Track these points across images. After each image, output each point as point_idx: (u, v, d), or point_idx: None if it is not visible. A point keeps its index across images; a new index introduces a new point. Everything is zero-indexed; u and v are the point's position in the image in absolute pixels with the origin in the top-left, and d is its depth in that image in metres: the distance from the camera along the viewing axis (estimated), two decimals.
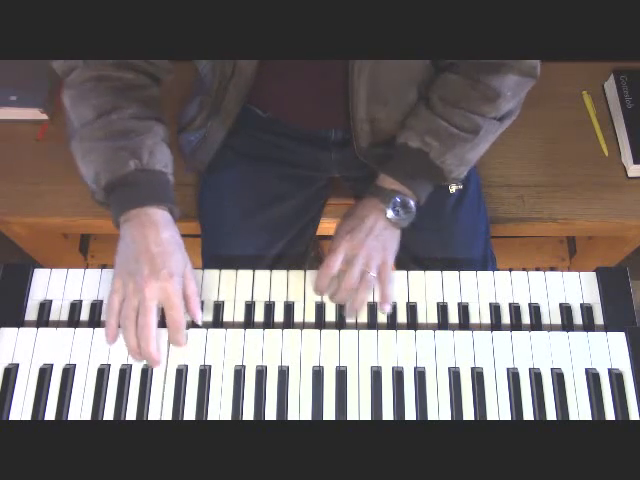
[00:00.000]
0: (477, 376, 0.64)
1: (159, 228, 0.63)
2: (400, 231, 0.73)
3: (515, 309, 0.70)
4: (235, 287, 0.71)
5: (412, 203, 0.72)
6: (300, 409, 0.63)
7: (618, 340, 0.66)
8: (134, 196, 0.64)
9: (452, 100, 0.73)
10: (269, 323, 0.70)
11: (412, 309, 0.70)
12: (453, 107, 0.73)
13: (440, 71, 0.77)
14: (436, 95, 0.75)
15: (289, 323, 0.70)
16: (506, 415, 0.63)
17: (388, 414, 0.63)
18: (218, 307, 0.70)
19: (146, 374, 0.64)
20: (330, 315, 0.70)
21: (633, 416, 0.62)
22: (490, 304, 0.70)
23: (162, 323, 0.63)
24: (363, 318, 0.70)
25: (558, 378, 0.64)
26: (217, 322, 0.69)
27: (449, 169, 0.73)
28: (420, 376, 0.64)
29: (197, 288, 0.65)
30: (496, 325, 0.69)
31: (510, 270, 0.73)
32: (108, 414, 0.63)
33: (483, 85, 0.72)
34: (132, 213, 0.64)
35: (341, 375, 0.64)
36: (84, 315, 0.69)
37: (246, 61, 0.72)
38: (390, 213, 0.71)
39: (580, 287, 0.71)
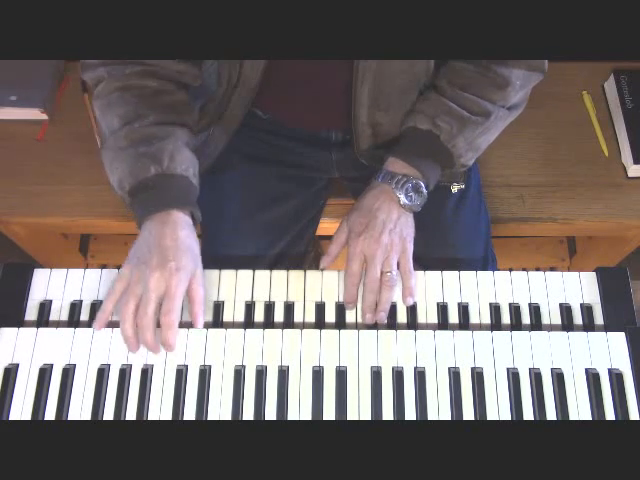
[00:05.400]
0: (477, 376, 0.64)
1: (177, 226, 0.64)
2: (413, 214, 0.72)
3: (515, 309, 0.70)
4: (235, 287, 0.71)
5: (424, 186, 0.71)
6: (300, 409, 0.63)
7: (618, 340, 0.66)
8: (155, 200, 0.65)
9: (462, 85, 0.73)
10: (269, 323, 0.69)
11: (412, 309, 0.70)
12: (463, 91, 0.72)
13: (442, 65, 0.77)
14: (445, 80, 0.74)
15: (289, 323, 0.70)
16: (506, 415, 0.63)
17: (388, 414, 0.63)
18: (218, 307, 0.70)
19: (146, 374, 0.64)
20: (330, 315, 0.70)
21: (633, 416, 0.62)
22: (490, 304, 0.70)
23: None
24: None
25: (558, 378, 0.64)
26: (217, 322, 0.69)
27: (459, 153, 0.73)
28: (420, 376, 0.64)
29: (204, 294, 0.65)
30: (496, 325, 0.69)
31: (510, 270, 0.72)
32: (108, 414, 0.63)
33: (493, 73, 0.71)
34: (154, 216, 0.65)
35: (341, 375, 0.64)
36: (84, 315, 0.69)
37: (251, 71, 0.72)
38: (403, 199, 0.70)
39: (580, 287, 0.71)
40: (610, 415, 0.62)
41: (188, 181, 0.68)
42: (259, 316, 0.70)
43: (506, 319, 0.70)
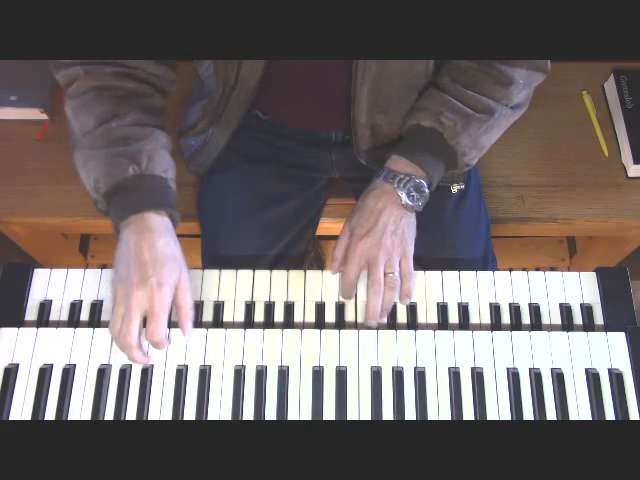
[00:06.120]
0: (477, 376, 0.64)
1: (155, 235, 0.62)
2: (415, 214, 0.71)
3: (515, 309, 0.70)
4: (235, 287, 0.71)
5: (426, 185, 0.70)
6: (300, 409, 0.63)
7: (618, 340, 0.66)
8: (133, 202, 0.64)
9: (465, 82, 0.72)
10: (269, 323, 0.69)
11: (412, 309, 0.70)
12: (466, 89, 0.72)
13: (444, 63, 0.77)
14: (448, 77, 0.74)
15: (289, 323, 0.70)
16: (506, 415, 0.63)
17: (388, 414, 0.63)
18: (218, 307, 0.70)
19: (146, 374, 0.64)
20: (330, 315, 0.70)
21: (633, 416, 0.62)
22: (490, 304, 0.70)
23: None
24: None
25: (558, 378, 0.64)
26: (217, 322, 0.69)
27: (462, 151, 0.72)
28: (420, 376, 0.64)
29: (192, 300, 0.63)
30: (496, 325, 0.69)
31: (510, 270, 0.72)
32: (108, 414, 0.63)
33: (496, 71, 0.71)
34: (131, 219, 0.63)
35: (341, 375, 0.64)
36: (84, 315, 0.69)
37: (249, 71, 0.72)
38: (405, 199, 0.69)
39: (580, 287, 0.71)
40: (610, 415, 0.62)
41: (166, 183, 0.67)
42: (259, 316, 0.70)
43: (506, 319, 0.70)
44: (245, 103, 0.77)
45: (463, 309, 0.70)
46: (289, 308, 0.70)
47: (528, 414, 0.63)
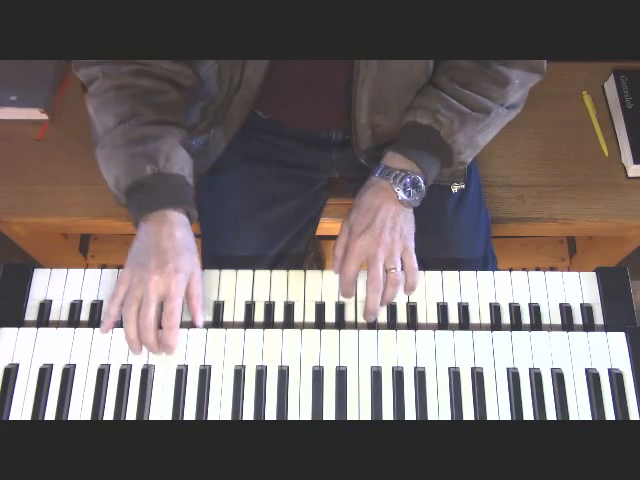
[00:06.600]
0: (477, 376, 0.64)
1: (173, 227, 0.65)
2: (412, 210, 0.71)
3: (515, 309, 0.70)
4: (235, 287, 0.71)
5: (422, 181, 0.70)
6: (300, 409, 0.63)
7: (618, 340, 0.66)
8: (152, 200, 0.66)
9: (462, 81, 0.72)
10: (269, 323, 0.69)
11: (412, 309, 0.70)
12: (463, 88, 0.72)
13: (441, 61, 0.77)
14: (445, 76, 0.74)
15: (289, 323, 0.70)
16: (506, 415, 0.63)
17: (388, 414, 0.63)
18: (218, 307, 0.70)
19: (146, 374, 0.64)
20: (330, 315, 0.70)
21: (633, 416, 0.62)
22: (490, 304, 0.70)
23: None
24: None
25: (558, 378, 0.64)
26: (217, 322, 0.69)
27: (458, 149, 0.72)
28: (420, 376, 0.64)
29: (202, 291, 0.66)
30: (496, 325, 0.69)
31: (510, 270, 0.72)
32: (108, 414, 0.63)
33: (493, 71, 0.71)
34: (150, 215, 0.65)
35: (341, 375, 0.64)
36: (84, 315, 0.69)
37: (253, 72, 0.72)
38: (402, 195, 0.69)
39: (580, 287, 0.71)
40: (610, 415, 0.62)
41: (184, 180, 0.68)
42: (259, 316, 0.70)
43: (506, 319, 0.70)
44: (249, 104, 0.77)
45: (463, 309, 0.70)
46: (289, 308, 0.70)
47: (528, 414, 0.63)
